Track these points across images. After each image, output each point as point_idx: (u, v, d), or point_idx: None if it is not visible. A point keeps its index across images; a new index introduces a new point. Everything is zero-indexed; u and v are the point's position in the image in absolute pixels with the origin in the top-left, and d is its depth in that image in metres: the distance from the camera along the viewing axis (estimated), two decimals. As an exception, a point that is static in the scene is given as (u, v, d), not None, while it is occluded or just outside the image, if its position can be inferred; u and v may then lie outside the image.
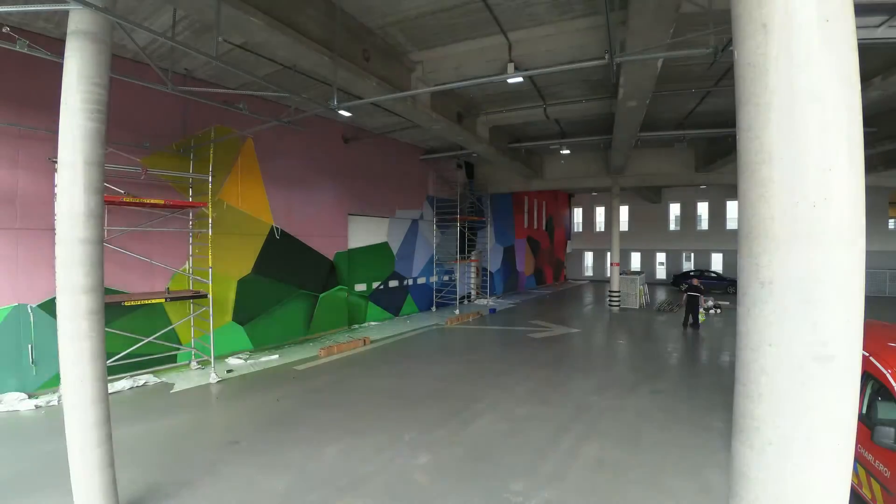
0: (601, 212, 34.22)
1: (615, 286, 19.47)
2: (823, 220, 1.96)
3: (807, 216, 1.98)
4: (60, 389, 7.02)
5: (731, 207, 29.50)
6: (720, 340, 13.12)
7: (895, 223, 25.01)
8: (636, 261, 32.57)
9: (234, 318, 10.99)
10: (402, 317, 16.84)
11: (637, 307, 19.62)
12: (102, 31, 4.21)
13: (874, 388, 4.07)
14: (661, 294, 24.88)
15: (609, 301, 19.49)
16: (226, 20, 5.80)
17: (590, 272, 35.25)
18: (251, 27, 6.19)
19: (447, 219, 18.66)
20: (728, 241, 28.98)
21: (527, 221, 27.34)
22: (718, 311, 18.18)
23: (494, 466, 5.47)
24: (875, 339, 4.45)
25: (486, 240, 21.61)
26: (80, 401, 4.12)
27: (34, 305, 7.78)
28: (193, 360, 9.81)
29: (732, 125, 2.38)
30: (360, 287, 15.13)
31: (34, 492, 4.81)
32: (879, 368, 4.04)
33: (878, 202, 23.55)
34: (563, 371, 9.79)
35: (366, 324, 15.14)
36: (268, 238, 11.83)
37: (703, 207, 30.98)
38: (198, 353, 9.86)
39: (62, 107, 4.11)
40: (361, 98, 8.47)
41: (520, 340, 13.07)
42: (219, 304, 10.21)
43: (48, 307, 7.72)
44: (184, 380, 8.91)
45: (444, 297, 19.18)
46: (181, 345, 9.82)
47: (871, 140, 12.84)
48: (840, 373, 1.98)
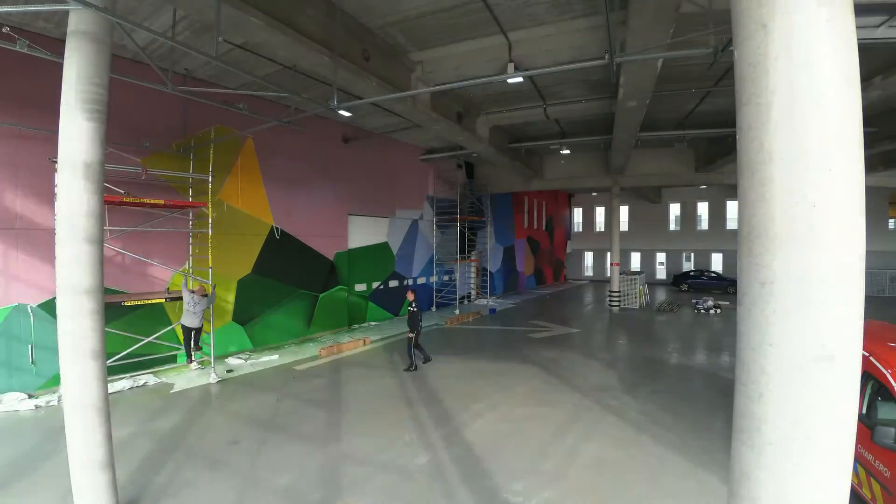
0: (601, 212, 34.23)
1: (615, 286, 19.47)
2: (823, 221, 1.96)
3: (807, 216, 1.97)
4: (60, 389, 7.02)
5: (731, 207, 29.51)
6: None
7: (895, 223, 25.01)
8: (636, 261, 32.57)
9: (234, 318, 11.00)
10: (403, 317, 16.81)
11: (637, 307, 19.62)
12: (102, 31, 4.21)
13: (874, 389, 4.07)
14: (661, 294, 24.87)
15: (609, 301, 19.49)
16: (226, 20, 5.80)
17: (590, 272, 35.26)
18: (251, 27, 6.19)
19: (447, 219, 18.66)
20: (728, 242, 28.99)
21: (527, 221, 27.34)
22: (718, 311, 18.20)
23: (495, 466, 5.47)
24: (875, 340, 4.45)
25: (486, 240, 21.60)
26: (80, 401, 4.12)
27: (34, 305, 7.79)
28: (193, 360, 9.79)
29: (732, 125, 2.38)
30: (360, 287, 15.13)
31: (34, 492, 4.81)
32: (879, 368, 4.04)
33: (878, 202, 23.57)
34: (564, 371, 9.78)
35: (366, 324, 15.15)
36: (268, 238, 11.84)
37: (703, 207, 30.98)
38: (198, 354, 9.85)
39: (62, 107, 4.11)
40: (361, 98, 8.47)
41: (520, 340, 13.07)
42: (219, 304, 10.21)
43: (48, 307, 7.72)
44: (184, 380, 8.92)
45: (444, 297, 19.18)
46: (181, 345, 9.81)
47: (872, 140, 12.84)
48: (840, 373, 1.98)
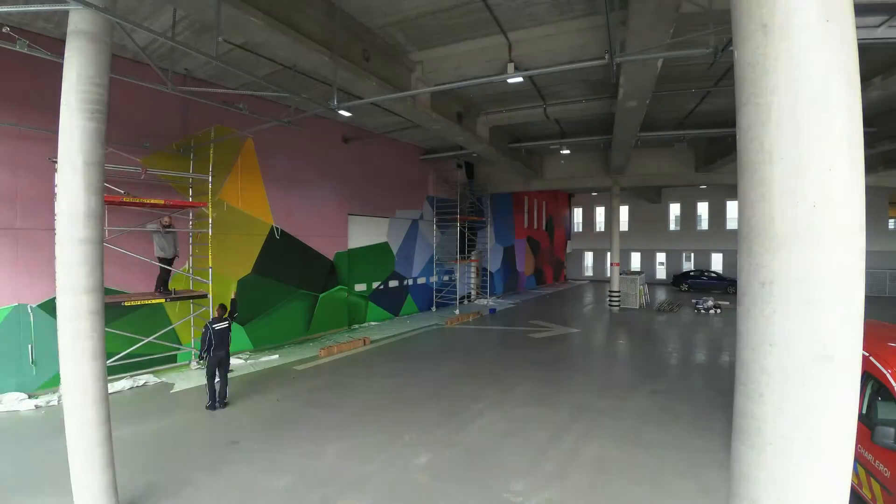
0: (601, 212, 34.21)
1: (615, 286, 19.46)
2: (823, 221, 1.96)
3: (807, 216, 1.98)
4: (60, 389, 7.02)
5: (732, 207, 29.50)
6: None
7: (895, 223, 25.01)
8: (636, 261, 32.56)
9: (234, 318, 10.99)
10: (402, 317, 16.84)
11: (637, 307, 19.62)
12: (102, 31, 4.21)
13: (874, 388, 4.07)
14: (661, 294, 24.87)
15: (609, 301, 19.48)
16: (226, 20, 5.80)
17: (590, 272, 35.25)
18: (251, 27, 6.19)
19: (447, 219, 18.66)
20: (728, 241, 28.98)
21: (527, 221, 27.34)
22: (718, 311, 18.20)
23: (495, 466, 5.47)
24: (875, 339, 4.45)
25: (486, 240, 21.60)
26: (81, 401, 4.12)
27: (34, 305, 7.79)
28: (193, 360, 9.81)
29: (732, 125, 2.38)
30: (360, 287, 15.13)
31: (34, 492, 4.81)
32: (879, 368, 4.04)
33: (878, 202, 23.56)
34: (563, 371, 9.79)
35: (366, 324, 15.14)
36: (268, 238, 11.83)
37: (703, 207, 30.97)
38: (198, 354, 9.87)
39: (62, 107, 4.11)
40: (361, 98, 8.47)
41: (520, 340, 13.08)
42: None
43: (48, 307, 7.72)
44: (184, 380, 8.92)
45: (444, 297, 19.18)
46: (181, 345, 9.82)
47: (871, 140, 12.84)
48: (840, 373, 1.98)
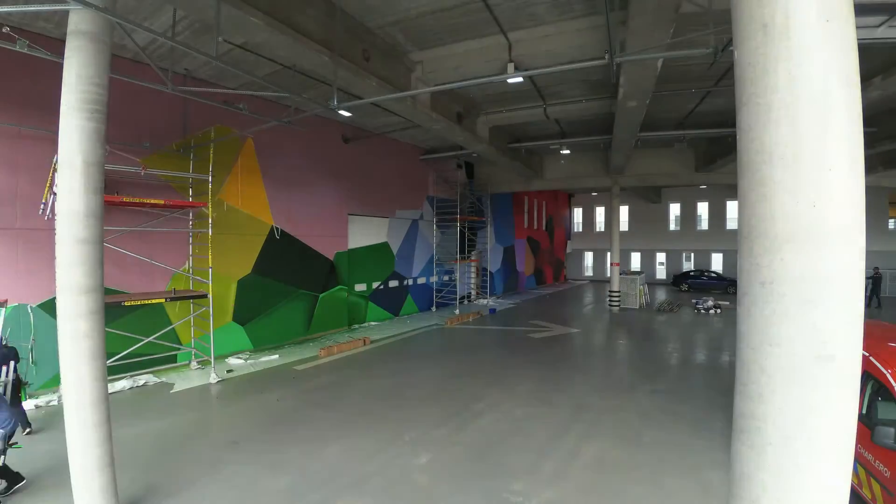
0: (601, 212, 34.22)
1: (615, 286, 19.46)
2: (823, 220, 1.96)
3: (807, 216, 1.97)
4: (60, 389, 7.02)
5: (732, 207, 29.50)
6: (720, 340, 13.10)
7: (895, 223, 25.00)
8: (636, 261, 32.56)
9: (234, 319, 11.00)
10: (403, 317, 16.84)
11: (637, 307, 19.61)
12: (102, 31, 4.21)
13: (874, 389, 4.07)
14: (661, 294, 24.87)
15: (609, 301, 19.48)
16: (226, 20, 5.80)
17: (590, 272, 35.25)
18: (251, 27, 6.19)
19: (447, 219, 18.66)
20: (728, 241, 28.98)
21: (527, 221, 27.34)
22: (718, 311, 18.19)
23: (495, 466, 5.47)
24: (875, 340, 4.45)
25: (486, 240, 21.60)
26: (80, 401, 4.12)
27: (34, 305, 7.78)
28: (193, 361, 9.81)
29: (732, 125, 2.38)
30: (360, 287, 15.13)
31: (35, 492, 4.81)
32: (879, 368, 4.04)
33: (878, 202, 23.54)
34: (564, 371, 9.78)
35: (366, 324, 15.14)
36: (268, 238, 11.83)
37: (703, 207, 30.97)
38: (198, 354, 9.87)
39: (62, 107, 4.11)
40: (361, 98, 8.46)
41: (520, 340, 13.07)
42: (219, 304, 10.21)
43: (48, 307, 7.72)
44: (184, 380, 8.92)
45: (444, 297, 19.18)
46: (181, 345, 9.82)
47: (871, 140, 12.84)
48: (840, 373, 1.98)
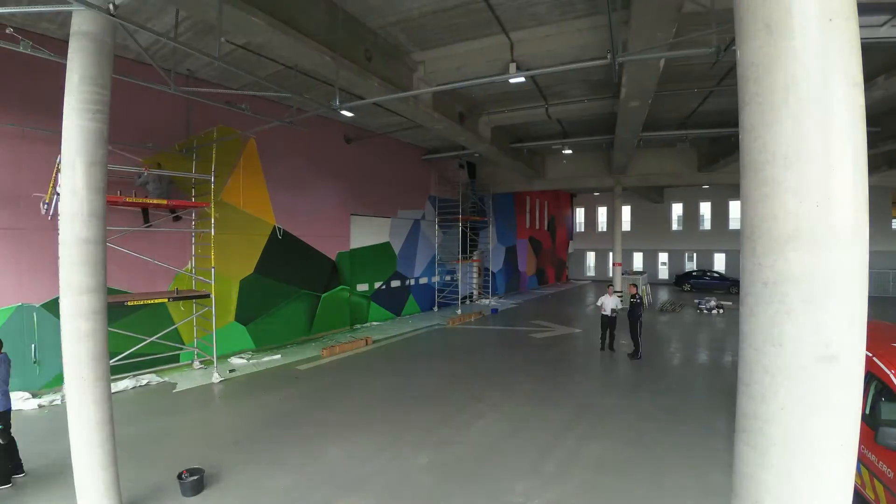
0: (603, 212, 34.16)
1: (617, 286, 19.42)
2: (826, 221, 1.95)
3: (810, 216, 1.97)
4: (64, 389, 7.02)
5: (734, 207, 29.40)
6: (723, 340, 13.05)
7: (899, 223, 24.88)
8: (638, 261, 32.50)
9: (237, 318, 11.02)
10: (405, 317, 16.85)
11: (639, 307, 19.56)
12: (104, 32, 4.23)
13: (877, 389, 4.05)
14: (664, 294, 24.81)
15: (611, 301, 19.44)
16: (227, 20, 5.80)
17: (592, 272, 35.19)
18: (253, 27, 6.20)
19: (449, 219, 18.66)
20: (731, 241, 28.89)
21: (529, 221, 27.31)
22: (721, 312, 18.14)
23: (496, 466, 5.47)
24: (878, 340, 4.43)
25: (489, 240, 21.57)
26: (83, 400, 4.14)
27: (38, 305, 7.82)
28: (196, 360, 9.83)
29: (735, 125, 2.37)
30: (363, 287, 15.14)
31: (38, 491, 4.83)
32: (883, 369, 4.02)
33: (882, 202, 23.42)
34: (565, 371, 9.77)
35: (368, 324, 15.15)
36: (270, 238, 11.85)
37: (706, 207, 30.89)
38: (200, 353, 9.89)
39: (65, 107, 4.13)
40: (363, 98, 8.47)
41: (522, 340, 13.06)
42: (221, 304, 10.23)
43: (52, 307, 7.75)
44: (186, 379, 8.94)
45: (446, 298, 19.17)
46: (184, 345, 9.84)
47: (875, 140, 12.79)
48: (843, 373, 1.98)
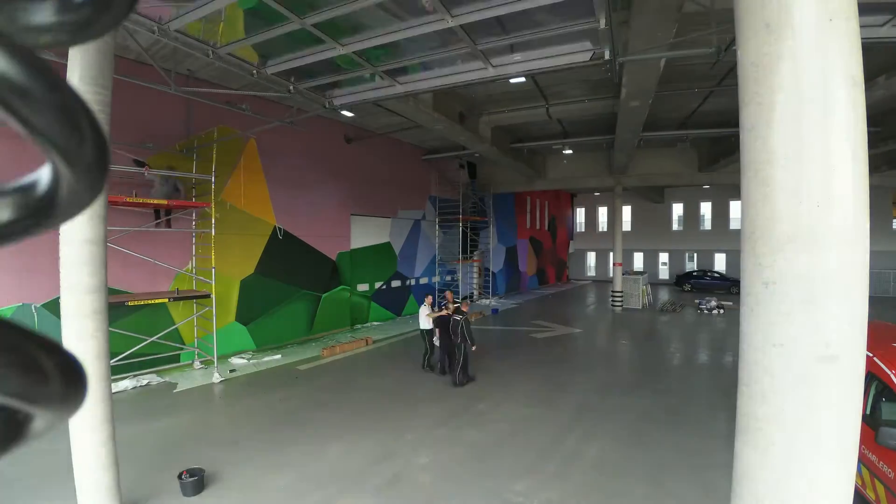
0: (604, 212, 34.15)
1: (618, 286, 19.42)
2: (827, 221, 1.95)
3: (810, 216, 1.97)
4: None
5: (735, 207, 29.38)
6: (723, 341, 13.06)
7: (899, 223, 24.87)
8: (639, 261, 32.48)
9: (237, 318, 11.02)
10: (405, 317, 16.84)
11: (640, 307, 19.58)
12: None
13: (878, 389, 4.05)
14: (664, 294, 24.81)
15: (612, 301, 19.45)
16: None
17: (592, 272, 35.19)
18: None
19: (450, 219, 18.65)
20: (731, 242, 28.88)
21: (529, 221, 27.31)
22: (721, 312, 18.14)
23: (496, 466, 5.47)
24: (879, 340, 4.43)
25: (489, 240, 21.58)
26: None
27: (38, 305, 7.82)
28: (196, 360, 9.84)
29: (735, 125, 2.37)
30: (363, 287, 15.14)
31: (38, 491, 4.83)
32: (883, 369, 4.02)
33: (882, 202, 23.37)
34: (566, 371, 9.77)
35: (368, 324, 15.16)
36: (270, 238, 11.86)
37: (707, 207, 30.88)
38: (201, 353, 9.90)
39: (66, 108, 4.12)
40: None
41: (522, 340, 13.06)
42: (222, 305, 10.25)
43: (52, 307, 7.75)
44: (187, 380, 8.94)
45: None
46: (184, 345, 9.85)
47: (875, 140, 12.79)
48: (844, 373, 1.98)
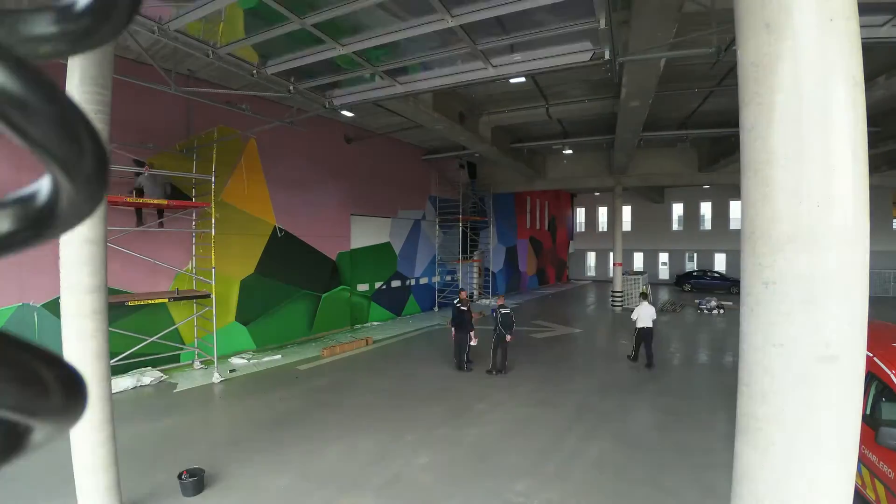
0: (604, 212, 34.15)
1: (618, 286, 19.42)
2: (827, 221, 1.95)
3: (810, 216, 1.97)
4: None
5: (735, 207, 29.38)
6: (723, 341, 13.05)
7: (899, 223, 24.87)
8: (639, 261, 32.49)
9: (237, 318, 11.02)
10: (405, 317, 16.85)
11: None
12: (106, 32, 4.23)
13: (878, 389, 4.05)
14: (664, 294, 24.81)
15: (612, 301, 19.45)
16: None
17: (592, 272, 35.19)
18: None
19: (450, 219, 18.66)
20: (731, 242, 28.88)
21: (529, 221, 27.31)
22: (721, 312, 18.14)
23: (496, 466, 5.47)
24: (879, 340, 4.44)
25: (489, 240, 21.58)
26: (84, 400, 4.13)
27: (38, 305, 7.82)
28: (196, 360, 9.83)
29: (736, 125, 2.37)
30: (363, 287, 15.14)
31: (38, 491, 4.83)
32: (883, 369, 4.02)
33: (882, 202, 23.38)
34: (566, 371, 9.77)
35: (368, 324, 15.16)
36: (270, 238, 11.86)
37: (707, 207, 30.89)
38: (201, 353, 9.90)
39: (66, 107, 4.12)
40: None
41: (522, 340, 13.04)
42: (222, 304, 10.24)
43: (52, 307, 7.75)
44: (187, 380, 8.94)
45: (447, 298, 19.16)
46: (184, 345, 9.85)
47: (875, 140, 12.79)
48: (844, 373, 1.98)
